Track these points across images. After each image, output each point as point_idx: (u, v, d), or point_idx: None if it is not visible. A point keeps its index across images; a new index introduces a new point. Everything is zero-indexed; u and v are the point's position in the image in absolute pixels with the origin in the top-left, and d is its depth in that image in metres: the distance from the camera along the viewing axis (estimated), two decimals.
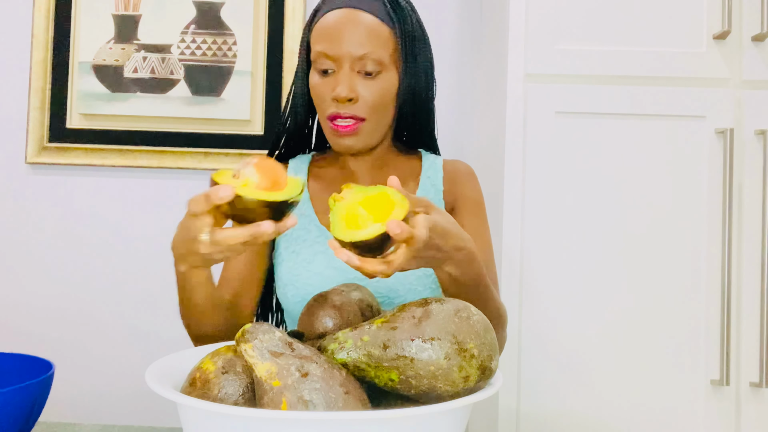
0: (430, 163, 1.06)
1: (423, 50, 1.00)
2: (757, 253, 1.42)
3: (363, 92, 0.95)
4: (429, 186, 1.03)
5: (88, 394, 1.85)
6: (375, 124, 0.97)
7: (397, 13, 0.96)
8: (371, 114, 0.96)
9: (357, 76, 0.95)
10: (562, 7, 1.45)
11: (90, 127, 1.86)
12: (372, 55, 0.93)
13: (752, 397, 1.41)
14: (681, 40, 1.45)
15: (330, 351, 0.66)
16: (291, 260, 0.99)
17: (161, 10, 1.86)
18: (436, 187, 1.03)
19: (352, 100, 0.94)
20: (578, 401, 1.42)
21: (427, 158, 1.07)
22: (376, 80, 0.95)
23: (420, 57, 0.99)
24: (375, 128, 0.97)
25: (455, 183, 1.05)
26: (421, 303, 0.65)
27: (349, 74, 0.94)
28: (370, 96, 0.95)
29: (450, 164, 1.07)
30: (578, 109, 1.44)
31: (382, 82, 0.95)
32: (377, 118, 0.97)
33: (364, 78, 0.95)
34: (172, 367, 0.75)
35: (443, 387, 0.62)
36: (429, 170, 1.05)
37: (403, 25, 0.96)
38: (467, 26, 1.89)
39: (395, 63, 0.97)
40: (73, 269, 1.87)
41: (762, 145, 1.43)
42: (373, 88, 0.95)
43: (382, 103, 0.96)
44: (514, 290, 1.43)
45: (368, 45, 0.93)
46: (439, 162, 1.06)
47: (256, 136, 1.85)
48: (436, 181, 1.04)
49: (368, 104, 0.95)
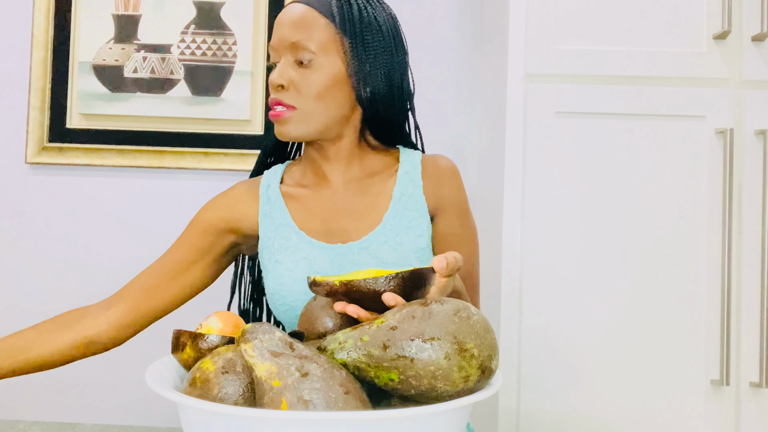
0: (407, 157, 1.04)
1: (379, 46, 0.99)
2: (757, 253, 1.42)
3: (296, 80, 0.97)
4: (407, 181, 1.02)
5: (88, 394, 1.85)
6: (309, 112, 0.97)
7: (342, 8, 0.98)
8: (303, 102, 0.97)
9: (293, 65, 0.97)
10: (562, 7, 1.45)
11: (90, 127, 1.86)
12: (303, 42, 0.96)
13: (752, 397, 1.41)
14: (681, 40, 1.45)
15: (330, 351, 0.66)
16: (275, 270, 0.99)
17: (161, 10, 1.86)
18: (414, 182, 1.02)
19: (284, 87, 0.97)
20: (578, 401, 1.42)
21: (404, 153, 1.05)
22: (310, 69, 0.96)
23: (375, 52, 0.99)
24: (310, 116, 0.97)
25: (438, 184, 1.03)
26: (421, 303, 0.65)
27: (284, 63, 0.97)
28: (302, 84, 0.96)
29: (430, 160, 1.05)
30: (578, 109, 1.44)
31: (317, 72, 0.96)
32: (312, 107, 0.97)
33: (299, 67, 0.97)
34: (172, 367, 0.75)
35: (443, 387, 0.62)
36: (406, 165, 1.03)
37: (346, 17, 0.97)
38: (467, 26, 1.90)
39: (338, 54, 0.97)
40: (73, 269, 1.87)
41: (762, 145, 1.43)
42: (307, 77, 0.96)
43: (316, 91, 0.96)
44: (514, 290, 1.43)
45: (299, 33, 0.96)
46: (417, 157, 1.05)
47: (256, 136, 1.85)
48: (414, 176, 1.02)
49: (300, 92, 0.96)
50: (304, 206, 1.02)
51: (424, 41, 1.90)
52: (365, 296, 0.70)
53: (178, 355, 0.75)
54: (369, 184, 1.03)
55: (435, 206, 1.02)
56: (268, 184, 1.05)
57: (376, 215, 1.00)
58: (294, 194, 1.04)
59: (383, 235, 0.97)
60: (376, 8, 1.01)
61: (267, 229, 1.01)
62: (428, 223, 1.00)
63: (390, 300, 0.69)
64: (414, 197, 1.01)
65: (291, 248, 0.99)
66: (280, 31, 0.97)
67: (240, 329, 0.76)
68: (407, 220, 0.99)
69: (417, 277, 0.71)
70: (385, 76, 1.00)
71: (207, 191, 1.88)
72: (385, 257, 0.96)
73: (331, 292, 0.71)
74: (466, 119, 1.89)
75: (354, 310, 0.71)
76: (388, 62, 1.00)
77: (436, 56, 1.89)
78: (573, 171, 1.44)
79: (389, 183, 1.02)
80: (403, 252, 0.96)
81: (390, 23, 1.02)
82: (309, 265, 0.97)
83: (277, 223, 1.01)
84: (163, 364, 0.74)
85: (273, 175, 1.06)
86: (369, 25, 0.99)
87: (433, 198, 1.02)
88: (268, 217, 1.02)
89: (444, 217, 1.03)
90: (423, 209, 1.00)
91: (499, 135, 1.52)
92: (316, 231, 1.00)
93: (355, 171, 1.04)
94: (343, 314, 0.76)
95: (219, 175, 1.88)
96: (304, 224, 1.01)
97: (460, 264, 0.75)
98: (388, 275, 0.69)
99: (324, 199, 1.02)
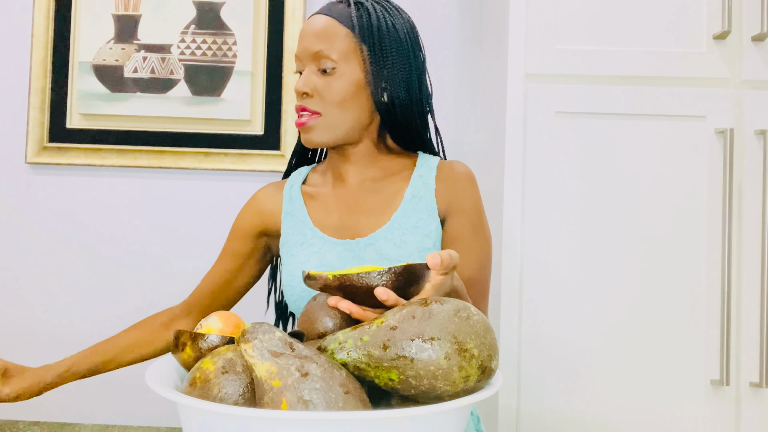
0: (425, 162, 1.07)
1: (397, 52, 1.03)
2: (757, 253, 1.42)
3: (320, 88, 1.01)
4: (420, 184, 1.04)
5: (88, 394, 1.85)
6: (333, 119, 1.02)
7: (361, 17, 1.02)
8: (327, 109, 1.01)
9: (317, 73, 1.02)
10: (562, 7, 1.45)
11: (90, 127, 1.86)
12: (325, 52, 1.00)
13: (752, 397, 1.41)
14: (681, 40, 1.45)
15: (330, 351, 0.66)
16: (289, 263, 1.04)
17: (161, 10, 1.86)
18: (427, 185, 1.04)
19: (308, 94, 1.02)
20: (578, 401, 1.42)
21: (422, 158, 1.08)
22: (332, 77, 1.01)
23: (392, 59, 1.02)
24: (334, 123, 1.02)
25: (451, 187, 1.04)
26: (421, 303, 0.65)
27: (309, 72, 1.02)
28: (325, 91, 1.01)
29: (447, 165, 1.07)
30: (578, 109, 1.44)
31: (339, 79, 1.01)
32: (336, 114, 1.02)
33: (322, 75, 1.01)
34: (172, 367, 0.75)
35: (443, 387, 0.62)
36: (422, 169, 1.06)
37: (365, 25, 1.02)
38: (467, 26, 1.90)
39: (358, 62, 1.01)
40: (72, 269, 1.87)
41: (762, 145, 1.43)
42: (330, 85, 1.01)
43: (339, 99, 1.01)
44: (514, 290, 1.43)
45: (322, 43, 1.01)
46: (435, 161, 1.07)
47: (256, 136, 1.85)
48: (428, 179, 1.04)
49: (324, 99, 1.01)
50: (321, 204, 1.07)
51: (425, 41, 1.90)
52: (358, 291, 0.70)
53: (178, 355, 0.75)
54: (383, 185, 1.06)
55: (446, 209, 1.04)
56: (291, 184, 1.11)
57: (386, 214, 1.03)
58: (313, 193, 1.09)
59: (390, 233, 1.00)
60: (394, 15, 1.05)
61: (288, 226, 1.07)
62: (437, 225, 1.02)
63: (382, 294, 0.69)
64: (425, 199, 1.03)
65: (306, 243, 1.04)
66: (304, 42, 1.02)
67: (240, 329, 0.76)
68: (415, 220, 1.01)
69: (410, 273, 0.71)
70: (403, 82, 1.03)
71: (207, 191, 1.88)
72: (389, 254, 0.99)
73: (325, 286, 0.71)
74: (466, 119, 1.89)
75: (346, 306, 0.71)
76: (405, 69, 1.04)
77: (436, 56, 1.89)
78: (573, 171, 1.44)
79: (402, 184, 1.06)
80: (408, 250, 0.98)
81: (407, 29, 1.05)
82: (319, 259, 1.01)
83: (296, 221, 1.07)
84: (163, 364, 0.74)
85: (297, 176, 1.13)
86: (387, 33, 1.03)
87: (445, 201, 1.04)
88: (290, 214, 1.08)
89: (454, 221, 1.04)
90: (433, 211, 1.02)
91: (499, 135, 1.52)
92: (329, 227, 1.05)
93: (371, 172, 1.08)
94: (343, 314, 0.77)
95: (219, 175, 1.88)
96: (320, 221, 1.06)
97: (455, 262, 0.75)
98: (381, 270, 0.69)
99: (339, 197, 1.07)
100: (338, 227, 1.04)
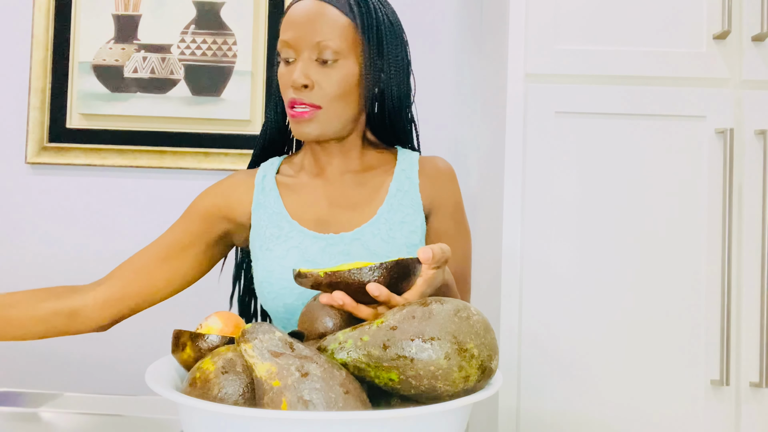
0: (405, 157, 1.06)
1: (393, 47, 1.00)
2: (757, 253, 1.42)
3: (320, 80, 0.95)
4: (404, 178, 1.03)
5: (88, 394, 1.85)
6: (333, 112, 0.97)
7: (360, 7, 0.97)
8: (328, 102, 0.96)
9: (315, 64, 0.96)
10: (562, 7, 1.45)
11: (90, 127, 1.86)
12: (328, 42, 0.94)
13: (752, 397, 1.41)
14: (681, 40, 1.45)
15: (330, 351, 0.66)
16: (265, 258, 0.99)
17: (161, 10, 1.86)
18: (411, 180, 1.03)
19: (308, 86, 0.95)
20: (578, 401, 1.42)
21: (402, 153, 1.07)
22: (333, 69, 0.95)
23: (388, 53, 1.00)
24: (333, 117, 0.97)
25: (435, 183, 1.04)
26: (421, 303, 0.65)
27: (307, 62, 0.95)
28: (326, 84, 0.95)
29: (428, 160, 1.06)
30: (578, 109, 1.44)
31: (340, 71, 0.96)
32: (335, 107, 0.97)
33: (321, 66, 0.95)
34: (172, 367, 0.75)
35: (443, 387, 0.62)
36: (404, 163, 1.04)
37: (366, 18, 0.97)
38: (467, 26, 1.90)
39: (356, 54, 0.97)
40: (72, 269, 1.87)
41: (762, 145, 1.43)
42: (331, 77, 0.95)
43: (340, 92, 0.96)
44: (514, 290, 1.43)
45: (324, 33, 0.94)
46: (415, 156, 1.06)
47: (256, 135, 1.85)
48: (411, 174, 1.03)
49: (324, 92, 0.95)
50: (298, 196, 1.03)
51: (425, 41, 1.90)
52: (350, 287, 0.70)
53: (178, 355, 0.75)
54: (365, 178, 1.04)
55: (430, 205, 1.03)
56: (264, 174, 1.05)
57: (371, 208, 1.01)
58: (289, 184, 1.04)
59: (377, 228, 0.98)
60: (387, 6, 1.02)
61: (260, 218, 1.02)
62: (422, 220, 1.01)
63: (374, 290, 0.69)
64: (410, 194, 1.01)
65: (283, 237, 0.99)
66: (300, 29, 0.95)
67: (240, 329, 0.76)
68: (401, 215, 0.99)
69: (402, 268, 0.70)
70: (395, 77, 1.01)
71: None
72: (377, 249, 0.97)
73: (316, 284, 0.71)
74: (466, 119, 1.89)
75: (340, 296, 0.70)
76: (399, 64, 1.01)
77: (436, 56, 1.89)
78: (573, 171, 1.44)
79: (386, 178, 1.03)
80: (395, 246, 0.97)
81: (397, 22, 1.03)
82: (300, 254, 0.97)
83: (270, 212, 1.01)
84: (163, 364, 0.74)
85: (270, 166, 1.07)
86: (385, 26, 1.00)
87: (429, 197, 1.03)
88: (262, 206, 1.02)
89: (439, 216, 1.03)
90: (418, 206, 1.01)
91: (499, 135, 1.52)
92: (309, 220, 1.01)
93: (352, 164, 1.04)
94: (343, 314, 0.76)
95: (219, 175, 1.88)
96: (297, 213, 1.01)
97: (447, 256, 0.75)
98: (372, 266, 0.69)
99: (319, 189, 1.03)
100: (319, 221, 1.00)
